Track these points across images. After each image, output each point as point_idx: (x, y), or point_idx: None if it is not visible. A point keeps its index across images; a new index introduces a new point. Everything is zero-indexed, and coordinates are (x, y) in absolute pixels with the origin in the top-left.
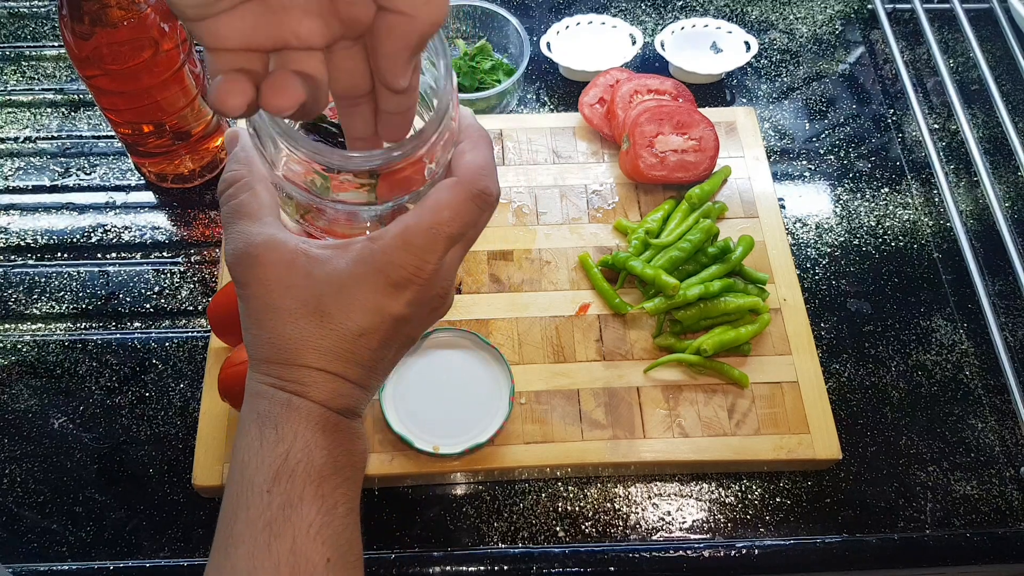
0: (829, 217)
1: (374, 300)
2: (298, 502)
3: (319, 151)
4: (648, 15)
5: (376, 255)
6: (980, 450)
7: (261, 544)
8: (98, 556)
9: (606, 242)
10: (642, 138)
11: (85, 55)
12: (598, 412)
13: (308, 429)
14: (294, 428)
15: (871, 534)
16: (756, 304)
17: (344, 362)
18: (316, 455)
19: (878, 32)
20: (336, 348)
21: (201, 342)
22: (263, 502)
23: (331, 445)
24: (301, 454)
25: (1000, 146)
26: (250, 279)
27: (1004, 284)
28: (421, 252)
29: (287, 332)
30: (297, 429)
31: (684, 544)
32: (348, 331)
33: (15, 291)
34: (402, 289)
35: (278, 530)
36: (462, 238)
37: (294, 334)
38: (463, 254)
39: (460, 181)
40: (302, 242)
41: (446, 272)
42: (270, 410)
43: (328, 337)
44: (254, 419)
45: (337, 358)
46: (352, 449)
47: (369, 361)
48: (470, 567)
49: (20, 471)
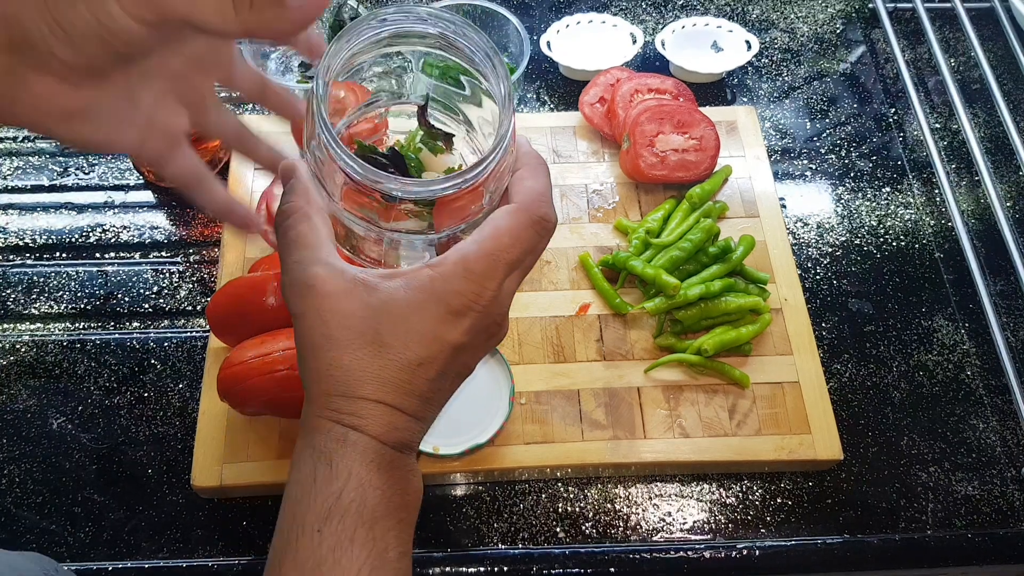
0: (830, 217)
1: (433, 329)
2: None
3: (381, 178)
4: (648, 14)
5: (435, 282)
6: (981, 450)
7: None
8: (97, 557)
9: (606, 242)
10: (643, 137)
11: None
12: (598, 412)
13: (363, 467)
14: (348, 466)
15: (872, 535)
16: (757, 304)
17: (402, 393)
18: (370, 495)
19: (879, 31)
20: (394, 379)
21: (200, 342)
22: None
23: (385, 485)
24: (354, 493)
25: (1001, 145)
26: (307, 309)
27: (1005, 284)
28: (481, 279)
29: (345, 363)
30: (352, 467)
31: (685, 545)
32: (407, 361)
33: (13, 291)
34: (461, 317)
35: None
36: (520, 265)
37: (352, 365)
38: (520, 281)
39: (520, 207)
40: (360, 272)
41: (504, 299)
42: (325, 445)
43: (387, 368)
44: (309, 454)
45: (395, 389)
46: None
47: (427, 392)
48: (470, 568)
49: (19, 471)
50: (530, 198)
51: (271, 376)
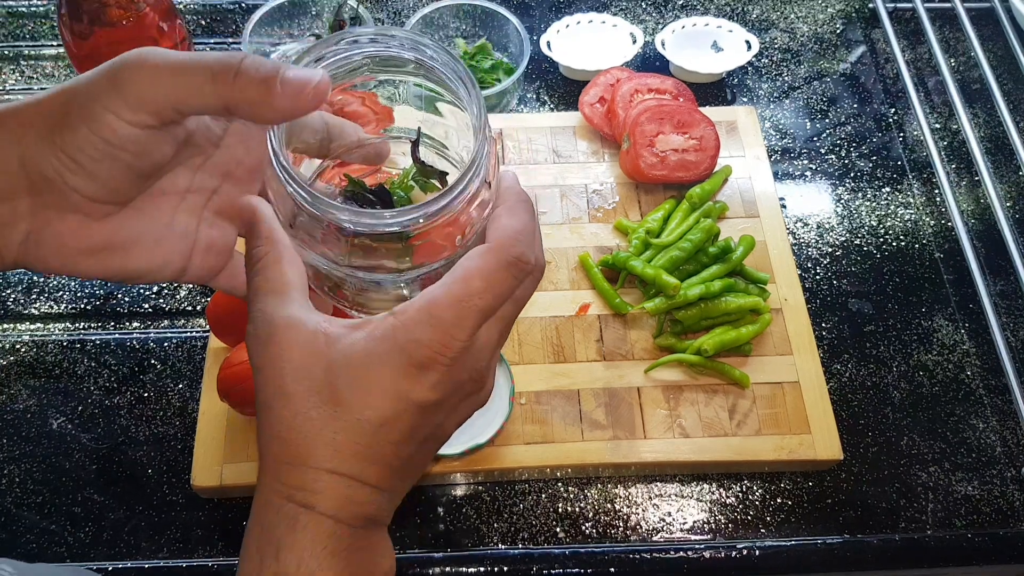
0: (830, 217)
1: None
2: None
3: (332, 209)
4: (648, 14)
5: (397, 331)
6: (981, 450)
7: None
8: (97, 557)
9: (606, 242)
10: (643, 137)
11: (84, 54)
12: (598, 412)
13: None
14: (297, 556)
15: (872, 535)
16: (757, 304)
17: (361, 461)
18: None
19: (879, 31)
20: (351, 443)
21: (200, 342)
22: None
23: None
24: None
25: (1001, 145)
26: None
27: (1005, 284)
28: (448, 327)
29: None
30: (301, 556)
31: (685, 545)
32: (366, 422)
33: (13, 291)
34: (426, 370)
35: None
36: (496, 312)
37: (305, 426)
38: (502, 331)
39: (493, 247)
40: (324, 320)
41: (479, 352)
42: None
43: (343, 431)
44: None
45: (352, 456)
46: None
47: (391, 458)
48: (470, 568)
49: (19, 471)
50: (505, 237)
51: None
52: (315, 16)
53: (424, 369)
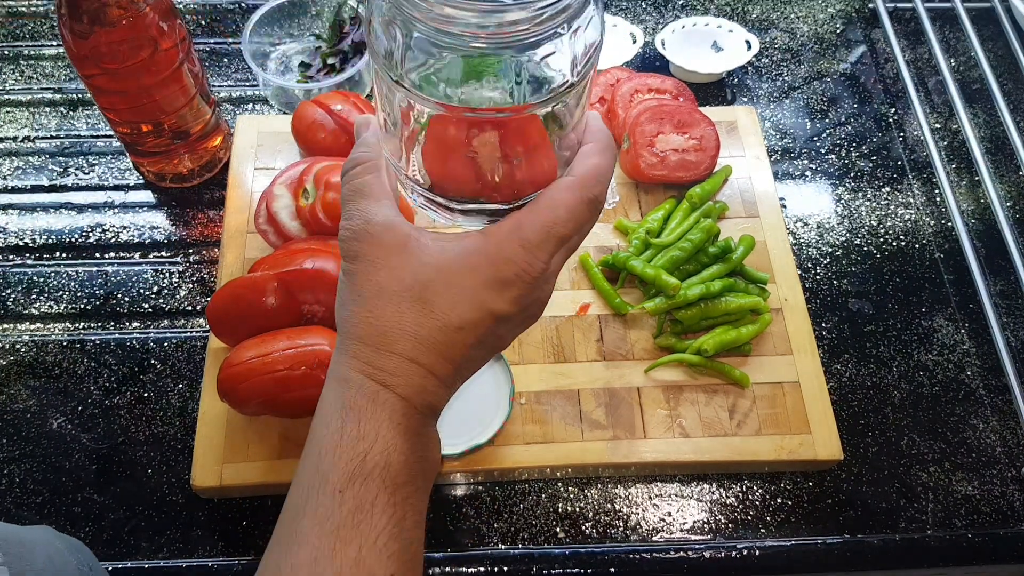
0: (830, 217)
1: (479, 294)
2: (370, 508)
3: None
4: (648, 14)
5: (489, 247)
6: (981, 450)
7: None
8: (96, 557)
9: (607, 242)
10: (642, 137)
11: (84, 54)
12: (598, 412)
13: (390, 430)
14: (376, 427)
15: (872, 535)
16: (757, 304)
17: (436, 355)
18: (394, 460)
19: (879, 31)
20: (431, 339)
21: (200, 342)
22: (334, 502)
23: (409, 451)
24: (380, 457)
25: (1002, 145)
26: (361, 254)
27: (1006, 284)
28: (534, 249)
29: (387, 314)
30: (379, 429)
31: (685, 545)
32: (447, 323)
33: (13, 291)
34: (509, 286)
35: (346, 536)
36: (569, 241)
37: (394, 317)
38: (566, 260)
39: (578, 183)
40: (416, 230)
41: (551, 275)
42: (355, 401)
43: (425, 326)
44: (338, 408)
45: (430, 350)
46: (427, 456)
47: (460, 358)
48: (470, 568)
49: (19, 471)
50: (591, 175)
51: (271, 376)
52: (315, 16)
53: (507, 285)
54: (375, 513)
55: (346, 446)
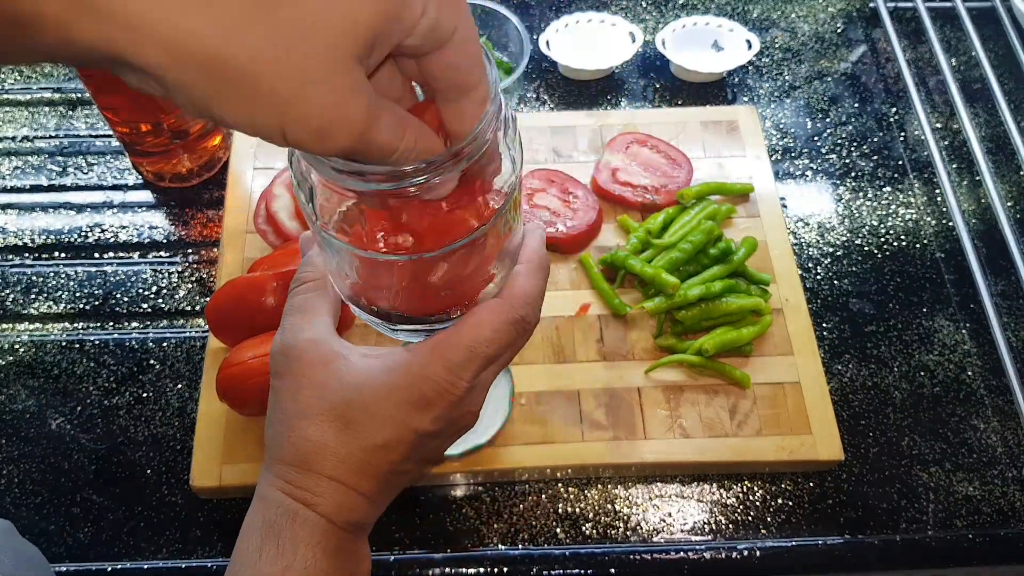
0: (831, 216)
1: (401, 412)
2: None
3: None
4: (649, 13)
5: (412, 365)
6: (982, 451)
7: None
8: (96, 557)
9: (607, 242)
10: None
11: None
12: (599, 413)
13: (310, 548)
14: (295, 545)
15: (873, 535)
16: (758, 305)
17: (359, 474)
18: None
19: (880, 30)
20: (354, 457)
21: (199, 342)
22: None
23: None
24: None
25: (1003, 145)
26: (286, 372)
27: (1007, 284)
28: (456, 368)
29: (309, 434)
30: (299, 547)
31: (685, 545)
32: (370, 442)
33: (12, 291)
34: (432, 405)
35: None
36: (497, 360)
37: (316, 437)
38: (494, 377)
39: (505, 305)
40: (344, 347)
41: (477, 392)
42: (275, 520)
43: (347, 445)
44: (258, 526)
45: (353, 468)
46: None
47: (385, 475)
48: (470, 569)
49: (18, 472)
50: (518, 296)
51: None
52: None
53: (430, 404)
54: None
55: (264, 564)
